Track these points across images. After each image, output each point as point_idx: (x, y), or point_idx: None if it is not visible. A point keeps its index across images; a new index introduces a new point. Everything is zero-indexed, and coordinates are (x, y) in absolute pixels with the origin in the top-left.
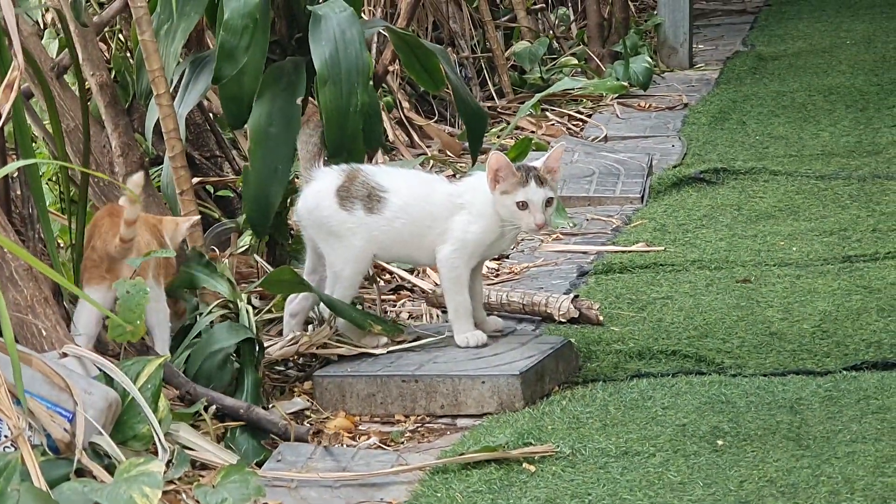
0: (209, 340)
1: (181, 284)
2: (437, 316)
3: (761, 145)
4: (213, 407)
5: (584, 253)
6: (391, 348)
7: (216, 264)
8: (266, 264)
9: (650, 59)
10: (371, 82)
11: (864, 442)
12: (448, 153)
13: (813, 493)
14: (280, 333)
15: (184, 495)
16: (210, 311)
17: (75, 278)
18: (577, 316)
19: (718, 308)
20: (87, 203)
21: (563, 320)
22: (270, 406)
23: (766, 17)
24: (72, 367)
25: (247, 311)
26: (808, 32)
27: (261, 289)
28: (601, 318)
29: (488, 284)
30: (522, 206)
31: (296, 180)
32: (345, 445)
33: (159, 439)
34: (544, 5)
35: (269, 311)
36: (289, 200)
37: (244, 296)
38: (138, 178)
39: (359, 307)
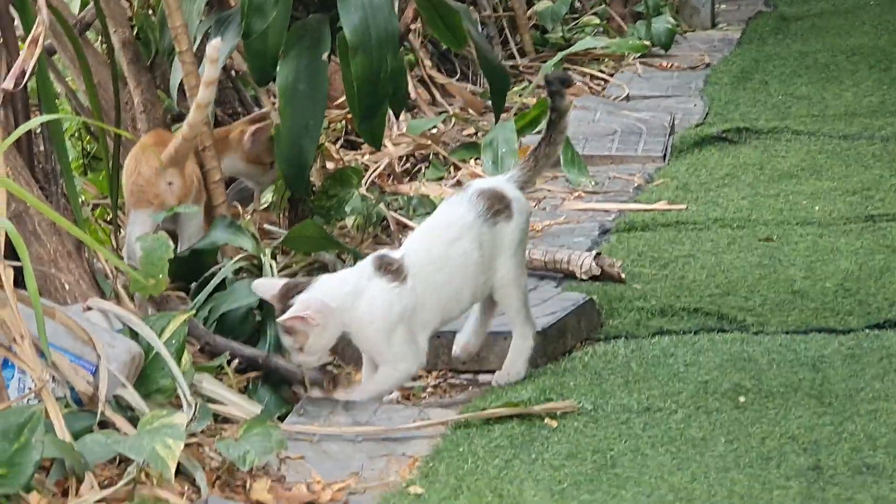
0: (232, 295)
1: (206, 244)
2: None
3: (784, 105)
4: (236, 360)
5: (606, 211)
6: None
7: (239, 220)
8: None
9: (672, 19)
10: None
11: (887, 399)
12: (470, 111)
13: (835, 449)
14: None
15: (206, 448)
16: (234, 262)
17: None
18: (599, 273)
19: (741, 266)
20: (118, 157)
21: (585, 278)
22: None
23: None
24: (95, 321)
25: (270, 267)
26: None
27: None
28: (623, 275)
29: None
30: None
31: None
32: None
33: (183, 393)
34: None
35: (290, 266)
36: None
37: (267, 251)
38: (217, 42)
39: None
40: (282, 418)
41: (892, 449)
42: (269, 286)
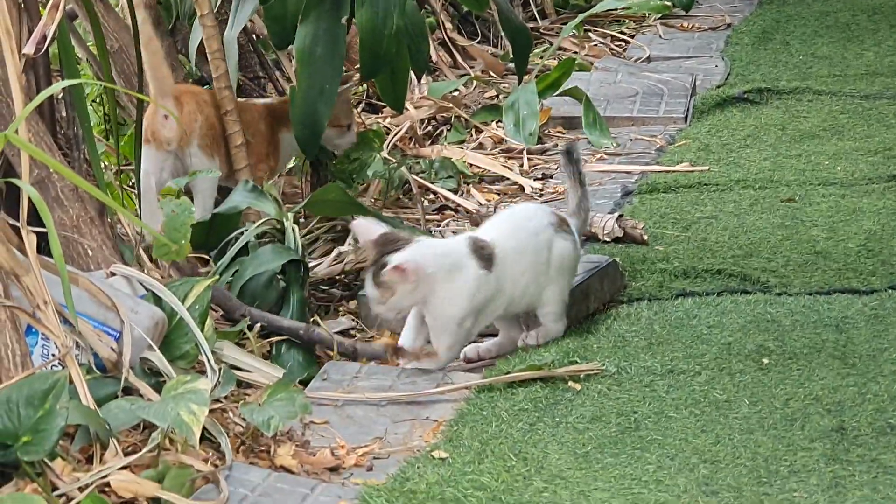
0: (255, 261)
1: (227, 208)
2: None
3: (805, 65)
4: (258, 325)
5: (628, 173)
6: None
7: (261, 185)
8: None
9: None
10: (415, 2)
11: None
12: (491, 73)
13: (859, 410)
14: (326, 253)
15: (230, 413)
16: (256, 227)
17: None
18: (621, 235)
19: (763, 227)
20: (141, 121)
21: (607, 239)
22: (315, 323)
23: None
24: (119, 287)
25: (293, 231)
26: None
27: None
28: (646, 237)
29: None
30: None
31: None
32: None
33: (207, 359)
34: None
35: (312, 230)
36: None
37: (290, 215)
38: None
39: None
40: (304, 383)
41: None
42: (367, 229)
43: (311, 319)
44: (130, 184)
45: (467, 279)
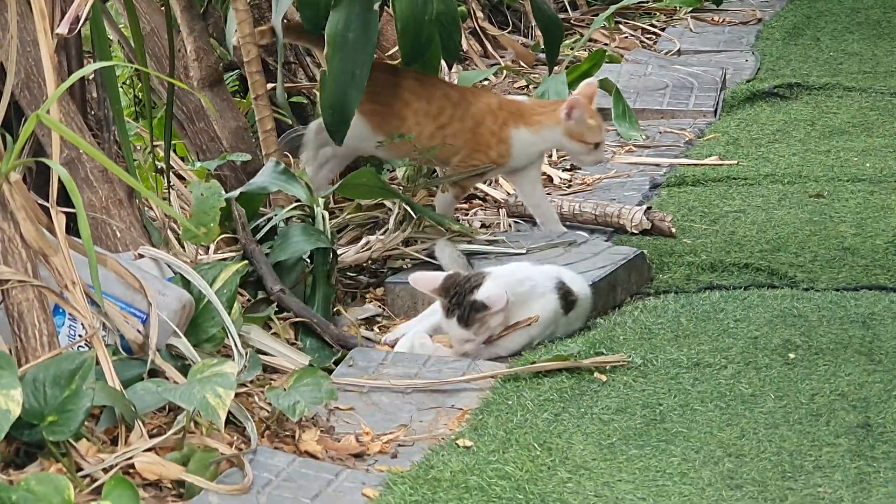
0: (285, 243)
1: (255, 188)
2: (510, 225)
3: (835, 61)
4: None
5: (657, 165)
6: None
7: (293, 169)
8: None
9: None
10: None
11: None
12: (521, 63)
13: (885, 407)
14: (354, 240)
15: (256, 398)
16: (286, 212)
17: None
18: (649, 227)
19: (791, 222)
20: (172, 104)
21: (635, 231)
22: (341, 315)
23: None
24: (147, 269)
25: (323, 217)
26: None
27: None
28: (673, 229)
29: (561, 195)
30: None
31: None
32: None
33: (234, 343)
34: None
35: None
36: None
37: (321, 200)
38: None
39: None
40: (329, 371)
41: None
42: (427, 279)
43: (335, 310)
44: (159, 166)
45: (546, 309)
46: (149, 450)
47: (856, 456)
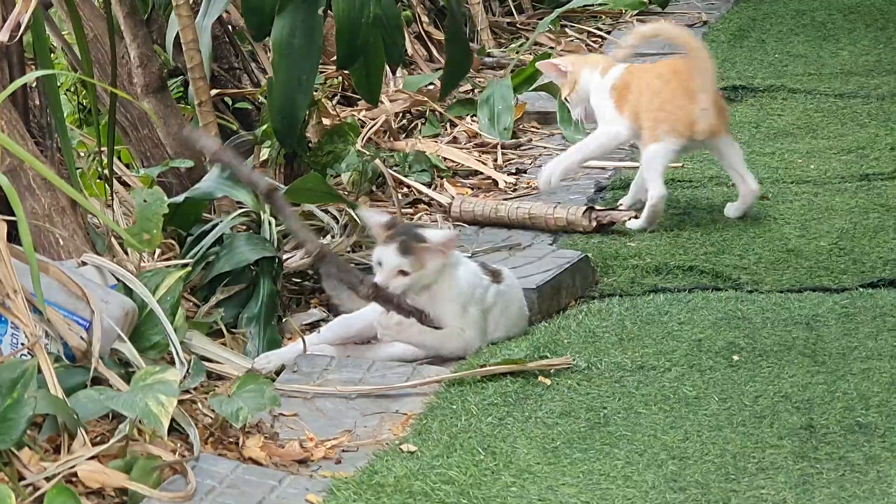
0: (230, 253)
1: (200, 193)
2: (451, 229)
3: (780, 63)
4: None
5: (602, 168)
6: None
7: None
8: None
9: None
10: None
11: (880, 359)
12: None
13: (828, 408)
14: (299, 246)
15: (200, 405)
16: (232, 218)
17: None
18: (592, 229)
19: (735, 224)
20: (114, 111)
21: (582, 231)
22: (284, 320)
23: None
24: (90, 277)
25: (269, 223)
26: None
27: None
28: (625, 217)
29: (506, 199)
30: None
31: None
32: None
33: (176, 350)
34: None
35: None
36: (308, 113)
37: (267, 207)
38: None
39: None
40: (276, 373)
41: (885, 408)
42: (374, 215)
43: (279, 315)
44: (103, 173)
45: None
46: (92, 458)
47: (799, 457)
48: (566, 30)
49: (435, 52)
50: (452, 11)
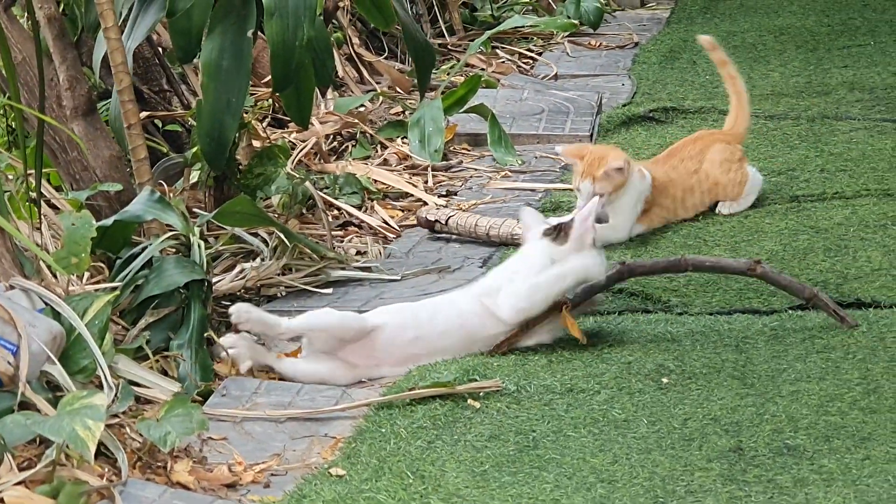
0: (159, 277)
1: (129, 216)
2: (380, 252)
3: (711, 85)
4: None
5: (533, 190)
6: (338, 279)
7: (168, 198)
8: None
9: None
10: (321, 17)
11: (809, 381)
12: (397, 89)
13: (757, 431)
14: (229, 269)
15: (128, 429)
16: (161, 241)
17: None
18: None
19: (666, 246)
20: (42, 134)
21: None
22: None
23: None
24: (17, 300)
25: (199, 246)
26: None
27: (214, 221)
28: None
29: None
30: None
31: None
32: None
33: (104, 374)
34: None
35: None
36: (238, 135)
37: (196, 230)
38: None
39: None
40: (205, 396)
41: (813, 430)
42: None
43: (210, 337)
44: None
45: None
46: (19, 483)
47: (728, 480)
48: (497, 51)
49: (366, 74)
50: (399, 15)
